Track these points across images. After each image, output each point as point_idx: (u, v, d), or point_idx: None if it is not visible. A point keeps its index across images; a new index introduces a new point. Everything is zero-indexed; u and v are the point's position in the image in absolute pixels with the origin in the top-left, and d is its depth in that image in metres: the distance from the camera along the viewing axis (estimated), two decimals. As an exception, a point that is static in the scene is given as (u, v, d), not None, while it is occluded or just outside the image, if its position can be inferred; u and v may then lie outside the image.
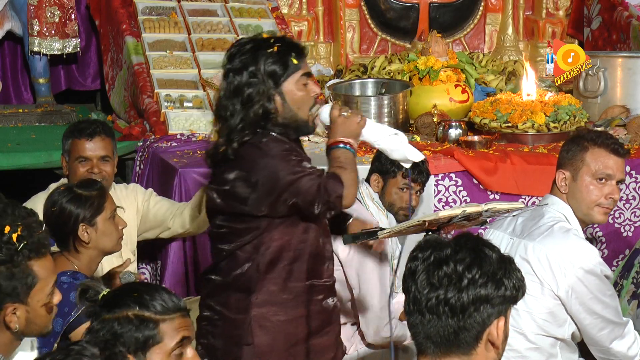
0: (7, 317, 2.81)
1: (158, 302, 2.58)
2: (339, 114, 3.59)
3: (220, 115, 3.56)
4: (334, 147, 3.58)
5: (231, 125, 3.50)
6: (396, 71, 6.51)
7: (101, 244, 3.83)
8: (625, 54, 6.35)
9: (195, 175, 5.05)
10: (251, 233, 3.52)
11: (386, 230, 3.45)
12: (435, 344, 2.31)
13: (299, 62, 3.54)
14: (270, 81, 3.49)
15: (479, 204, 3.49)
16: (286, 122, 3.53)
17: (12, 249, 2.79)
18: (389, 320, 4.24)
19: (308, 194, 3.43)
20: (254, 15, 6.83)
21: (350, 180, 3.49)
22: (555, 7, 7.52)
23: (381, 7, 7.34)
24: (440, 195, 5.24)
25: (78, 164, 4.46)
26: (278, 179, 3.44)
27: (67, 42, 6.88)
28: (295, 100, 3.53)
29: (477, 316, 2.28)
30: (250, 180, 3.46)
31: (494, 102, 5.80)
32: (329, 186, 3.44)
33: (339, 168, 3.51)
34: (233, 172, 3.50)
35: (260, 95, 3.48)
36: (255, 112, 3.48)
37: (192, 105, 5.99)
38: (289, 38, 3.74)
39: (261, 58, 3.50)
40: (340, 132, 3.58)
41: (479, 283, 2.27)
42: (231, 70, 3.53)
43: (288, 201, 3.45)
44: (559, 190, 3.94)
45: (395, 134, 3.64)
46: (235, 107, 3.50)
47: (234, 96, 3.51)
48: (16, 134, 6.47)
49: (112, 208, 3.87)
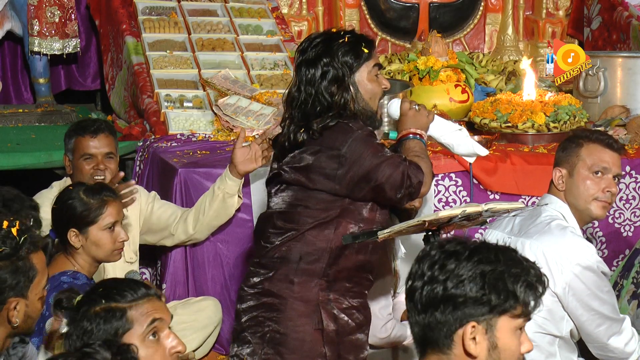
0: (10, 311, 2.82)
1: (125, 292, 2.57)
2: (410, 107, 3.67)
3: (292, 105, 3.59)
4: (407, 138, 3.65)
5: (308, 111, 3.54)
6: (396, 71, 6.51)
7: (92, 253, 3.77)
8: (625, 54, 6.35)
9: (195, 175, 5.04)
10: (328, 212, 3.53)
11: (386, 230, 3.45)
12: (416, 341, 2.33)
13: (370, 52, 3.60)
14: (347, 70, 3.54)
15: (479, 204, 3.50)
16: (359, 113, 3.58)
17: (14, 243, 2.80)
18: (387, 320, 4.25)
19: (392, 178, 3.48)
20: (254, 15, 6.83)
21: (428, 169, 3.58)
22: (555, 7, 7.52)
23: (381, 7, 7.34)
24: (440, 195, 5.24)
25: (83, 162, 4.46)
26: (364, 160, 3.48)
27: (67, 42, 6.87)
28: (367, 90, 3.59)
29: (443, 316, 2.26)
30: (338, 155, 3.49)
31: (494, 102, 5.80)
32: (411, 172, 3.50)
33: (415, 157, 3.58)
34: (316, 148, 3.52)
35: (339, 84, 3.53)
36: (337, 101, 3.52)
37: (192, 105, 5.99)
38: (357, 32, 3.80)
39: (334, 48, 3.54)
40: (411, 124, 3.67)
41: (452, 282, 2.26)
42: (304, 62, 3.58)
43: (372, 182, 3.49)
44: (556, 188, 3.96)
45: (459, 130, 3.75)
46: (312, 96, 3.53)
47: (310, 86, 3.54)
48: (16, 134, 6.47)
49: (112, 220, 3.79)
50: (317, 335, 3.55)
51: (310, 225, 3.52)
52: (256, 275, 3.64)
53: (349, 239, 3.51)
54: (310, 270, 3.53)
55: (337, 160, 3.46)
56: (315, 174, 3.50)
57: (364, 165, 3.46)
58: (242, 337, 3.63)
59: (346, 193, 3.49)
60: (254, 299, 3.61)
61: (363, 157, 3.46)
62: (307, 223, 3.52)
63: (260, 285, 3.60)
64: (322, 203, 3.51)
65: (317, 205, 3.51)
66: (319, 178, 3.50)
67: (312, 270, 3.53)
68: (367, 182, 3.47)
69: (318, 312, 3.55)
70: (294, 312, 3.54)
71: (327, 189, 3.50)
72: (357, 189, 3.48)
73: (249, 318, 3.61)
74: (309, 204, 3.52)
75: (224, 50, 6.46)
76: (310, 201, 3.52)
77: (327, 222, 3.52)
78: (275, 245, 3.58)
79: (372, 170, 3.46)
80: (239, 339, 3.65)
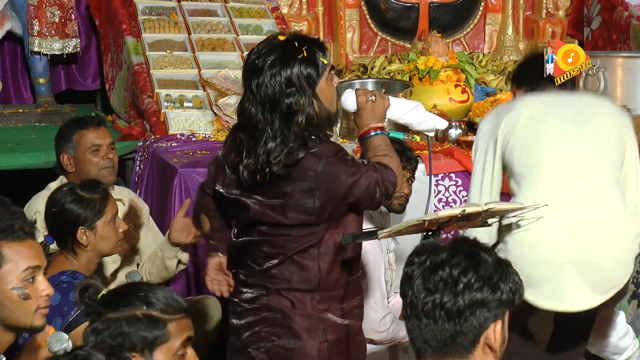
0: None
1: (163, 302, 2.59)
2: (366, 100, 3.56)
3: (252, 133, 3.37)
4: (369, 136, 3.55)
5: (270, 143, 3.33)
6: (396, 71, 6.51)
7: (99, 247, 3.82)
8: (625, 54, 6.35)
9: (195, 175, 5.05)
10: (313, 236, 3.45)
11: (386, 230, 3.45)
12: (433, 348, 2.31)
13: (326, 59, 3.42)
14: (308, 87, 3.35)
15: (479, 204, 3.50)
16: (323, 122, 3.44)
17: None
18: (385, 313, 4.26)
19: (368, 191, 3.42)
20: (254, 15, 6.84)
21: (397, 166, 3.52)
22: (555, 7, 7.51)
23: (381, 7, 7.34)
24: (440, 195, 5.24)
25: (90, 155, 4.49)
26: (340, 183, 3.38)
27: (67, 42, 6.88)
28: (327, 97, 3.43)
29: (474, 320, 2.28)
30: (310, 189, 3.37)
31: (494, 102, 5.80)
32: (385, 178, 3.44)
33: (384, 156, 3.50)
34: (289, 185, 3.38)
35: (302, 103, 3.34)
36: (298, 123, 3.33)
37: (192, 105, 5.99)
38: (306, 35, 3.59)
39: (294, 66, 3.34)
40: (370, 118, 3.55)
41: (474, 287, 2.28)
42: (261, 83, 3.36)
43: (349, 199, 3.43)
44: None
45: (416, 106, 3.68)
46: (274, 123, 3.34)
47: (270, 111, 3.35)
48: (16, 134, 6.47)
49: (113, 212, 3.86)
50: (322, 349, 3.52)
51: (296, 249, 3.47)
52: (252, 289, 3.56)
53: (349, 238, 3.50)
54: (304, 288, 3.50)
55: (310, 194, 3.38)
56: (293, 211, 3.41)
57: (339, 190, 3.39)
58: (245, 353, 3.54)
59: (327, 219, 3.43)
60: (253, 314, 3.54)
61: (336, 181, 3.37)
62: (293, 248, 3.46)
63: (258, 301, 3.54)
64: (305, 231, 3.44)
65: (299, 233, 3.45)
66: (297, 215, 3.41)
67: (306, 288, 3.50)
68: (345, 200, 3.42)
69: (319, 326, 3.52)
70: (298, 327, 3.49)
71: (307, 222, 3.43)
72: (336, 211, 3.43)
73: (251, 334, 3.54)
74: (291, 233, 3.45)
75: (224, 50, 6.46)
76: (292, 231, 3.45)
77: (313, 244, 3.49)
78: (265, 267, 3.52)
79: (347, 190, 3.39)
80: (242, 354, 3.57)
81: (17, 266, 2.86)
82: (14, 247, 2.87)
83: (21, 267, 2.87)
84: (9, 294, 2.86)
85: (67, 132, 4.58)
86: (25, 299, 2.86)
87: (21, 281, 2.86)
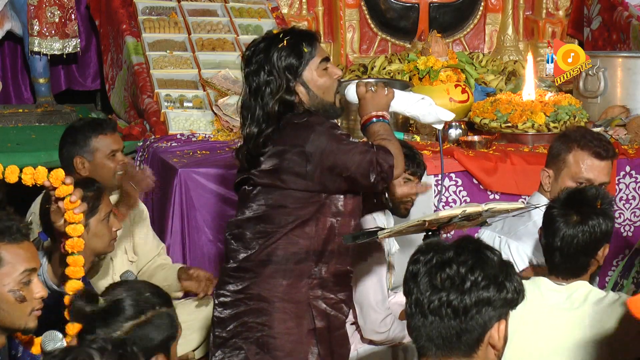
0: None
1: (169, 298, 2.75)
2: (366, 90, 3.65)
3: (244, 117, 3.62)
4: (370, 123, 3.63)
5: (260, 120, 3.56)
6: (396, 71, 6.51)
7: (92, 245, 3.76)
8: (625, 54, 6.35)
9: (195, 175, 5.05)
10: (307, 209, 3.54)
11: (386, 230, 3.46)
12: (437, 346, 2.31)
13: (312, 49, 3.58)
14: (288, 74, 3.54)
15: (479, 204, 3.50)
16: (315, 109, 3.57)
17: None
18: (385, 314, 4.26)
19: (362, 167, 3.47)
20: (254, 15, 6.84)
21: (397, 150, 3.56)
22: (555, 7, 7.51)
23: (381, 7, 7.34)
24: (440, 195, 5.24)
25: (108, 160, 4.42)
26: (330, 151, 3.48)
27: (67, 42, 6.88)
28: (318, 86, 3.58)
29: (479, 318, 2.29)
30: (303, 152, 3.49)
31: (494, 102, 5.80)
32: (380, 157, 3.48)
33: (382, 140, 3.56)
34: (280, 148, 3.53)
35: (277, 90, 3.54)
36: (272, 108, 3.54)
37: (192, 105, 5.99)
38: (298, 28, 3.81)
39: (274, 54, 3.55)
40: (371, 106, 3.65)
41: (481, 285, 2.28)
42: (249, 73, 3.61)
43: (343, 174, 3.48)
44: (543, 188, 3.95)
45: (422, 99, 3.71)
46: (256, 108, 3.56)
47: (255, 97, 3.58)
48: (16, 134, 6.47)
49: (107, 210, 3.82)
50: (310, 335, 3.56)
51: (291, 225, 3.51)
52: (239, 280, 3.60)
53: (350, 239, 3.51)
54: (299, 271, 3.53)
55: (303, 157, 3.47)
56: (286, 174, 3.51)
57: (330, 158, 3.46)
58: (232, 344, 3.58)
59: (320, 188, 3.50)
60: (241, 304, 3.58)
61: (328, 150, 3.46)
62: (288, 223, 3.52)
63: (247, 290, 3.57)
64: (299, 201, 3.51)
65: (294, 204, 3.51)
66: (291, 177, 3.50)
67: (301, 270, 3.53)
68: (338, 174, 3.47)
69: (310, 312, 3.55)
70: (286, 315, 3.54)
71: (300, 187, 3.50)
72: (330, 182, 3.49)
73: (238, 324, 3.58)
74: (287, 203, 3.52)
75: (224, 50, 6.46)
76: (287, 200, 3.52)
77: (308, 220, 3.52)
78: (258, 249, 3.56)
79: (340, 161, 3.46)
80: (228, 345, 3.61)
81: (15, 268, 2.87)
82: (11, 249, 2.87)
83: (18, 270, 2.87)
84: (5, 296, 2.86)
85: (82, 136, 4.46)
86: (21, 302, 2.87)
87: (18, 283, 2.87)
